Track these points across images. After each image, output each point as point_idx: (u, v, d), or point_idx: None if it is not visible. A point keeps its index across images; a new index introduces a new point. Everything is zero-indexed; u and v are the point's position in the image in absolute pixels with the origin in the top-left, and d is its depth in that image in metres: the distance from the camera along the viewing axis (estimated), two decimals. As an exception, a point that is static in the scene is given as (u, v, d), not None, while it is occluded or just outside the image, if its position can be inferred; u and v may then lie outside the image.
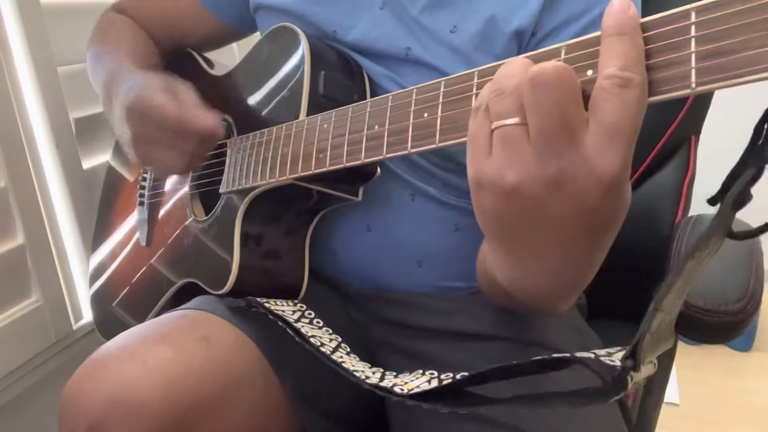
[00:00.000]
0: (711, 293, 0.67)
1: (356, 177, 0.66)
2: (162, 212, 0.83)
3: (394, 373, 0.56)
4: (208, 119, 0.63)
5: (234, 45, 1.21)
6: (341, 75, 0.67)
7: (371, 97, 0.68)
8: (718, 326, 0.66)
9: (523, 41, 0.64)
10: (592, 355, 0.40)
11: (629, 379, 0.36)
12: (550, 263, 0.42)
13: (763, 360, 1.85)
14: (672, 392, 1.69)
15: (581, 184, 0.35)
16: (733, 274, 0.69)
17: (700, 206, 0.49)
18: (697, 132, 0.97)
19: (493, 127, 0.37)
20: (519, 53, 0.64)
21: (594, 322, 0.80)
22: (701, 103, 0.94)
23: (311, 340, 0.58)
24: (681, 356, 0.92)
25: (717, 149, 1.12)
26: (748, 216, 0.43)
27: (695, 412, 1.65)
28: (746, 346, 1.87)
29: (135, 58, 0.79)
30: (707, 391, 1.72)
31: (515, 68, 0.37)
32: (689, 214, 0.94)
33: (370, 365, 0.59)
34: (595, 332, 0.77)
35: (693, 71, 0.33)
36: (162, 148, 0.65)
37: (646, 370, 0.37)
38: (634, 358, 0.36)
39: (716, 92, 1.03)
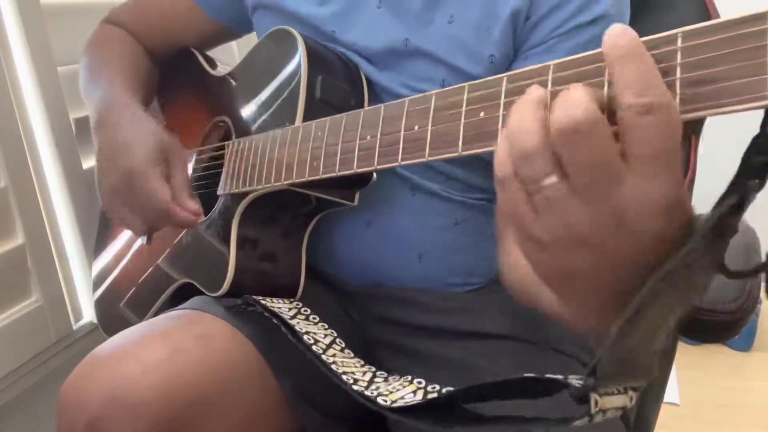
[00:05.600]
0: (709, 292, 0.67)
1: (352, 183, 0.67)
2: (162, 212, 0.83)
3: (385, 375, 0.56)
4: (190, 215, 0.65)
5: (234, 45, 1.21)
6: (339, 80, 0.67)
7: (369, 101, 0.68)
8: (715, 325, 0.66)
9: (518, 24, 0.65)
10: (561, 378, 0.38)
11: (593, 401, 0.34)
12: (627, 301, 0.37)
13: (763, 360, 1.84)
14: (672, 392, 1.68)
15: (642, 215, 0.33)
16: (731, 274, 0.69)
17: (700, 206, 0.49)
18: (698, 132, 0.97)
19: (530, 190, 0.34)
20: (514, 37, 0.65)
21: (593, 322, 0.80)
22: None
23: (304, 337, 0.59)
24: (681, 356, 0.92)
25: (717, 150, 1.12)
26: (748, 217, 0.43)
27: (695, 412, 1.65)
28: (746, 346, 1.87)
29: (129, 79, 0.80)
30: (707, 391, 1.72)
31: (529, 121, 0.34)
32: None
33: (362, 363, 0.59)
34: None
35: (677, 98, 0.32)
36: (132, 214, 0.69)
37: (618, 400, 0.35)
38: (594, 377, 0.34)
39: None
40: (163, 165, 0.68)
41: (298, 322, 0.62)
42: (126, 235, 0.91)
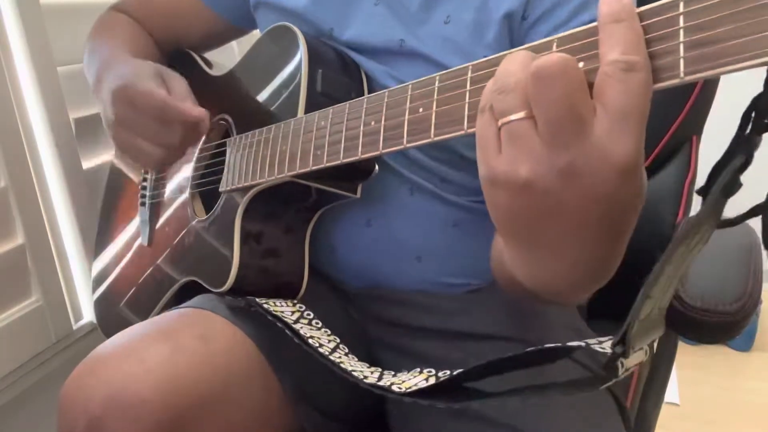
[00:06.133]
0: (709, 293, 0.67)
1: (354, 174, 0.67)
2: (163, 212, 0.84)
3: (393, 372, 0.56)
4: (194, 109, 0.64)
5: (234, 44, 1.21)
6: (339, 73, 0.67)
7: (368, 94, 0.68)
8: (716, 326, 0.66)
9: (513, 25, 0.64)
10: (584, 344, 0.40)
11: (619, 365, 0.36)
12: (570, 256, 0.41)
13: (763, 360, 1.85)
14: (672, 392, 1.69)
15: (595, 173, 0.35)
16: (732, 274, 0.69)
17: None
18: (699, 132, 0.97)
19: (499, 124, 0.37)
20: (511, 39, 0.65)
21: (594, 322, 0.80)
22: (703, 103, 0.94)
23: (309, 341, 0.59)
24: (681, 356, 0.92)
25: (718, 149, 1.12)
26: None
27: (695, 412, 1.65)
28: (746, 346, 1.87)
29: (132, 48, 0.80)
30: (707, 391, 1.72)
31: (515, 64, 0.37)
32: (690, 215, 0.94)
33: (368, 365, 0.59)
34: (594, 332, 0.77)
35: (681, 61, 0.33)
36: (142, 136, 0.66)
37: (637, 357, 0.37)
38: (623, 345, 0.36)
39: (718, 92, 1.01)
40: (158, 77, 0.67)
41: (301, 327, 0.62)
42: (126, 235, 0.91)
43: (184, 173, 0.82)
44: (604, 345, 0.38)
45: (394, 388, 0.50)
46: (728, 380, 1.77)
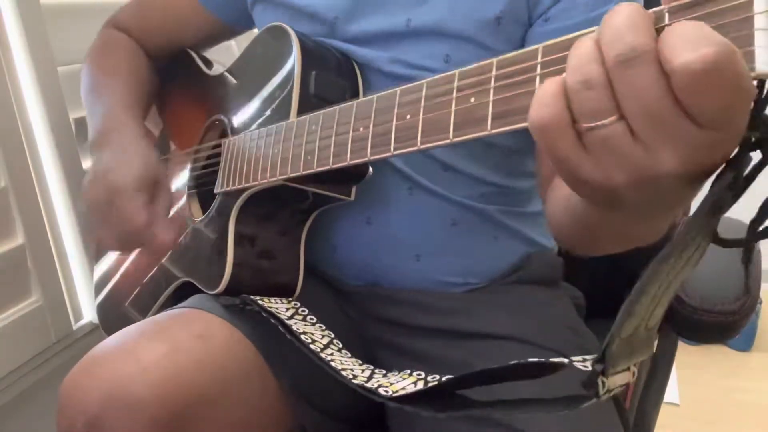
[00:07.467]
0: (708, 293, 0.67)
1: (348, 177, 0.67)
2: (163, 211, 0.84)
3: (383, 372, 0.57)
4: (164, 236, 0.67)
5: (233, 44, 1.21)
6: (332, 74, 0.67)
7: (364, 94, 0.68)
8: (715, 326, 0.66)
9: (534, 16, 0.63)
10: (566, 361, 0.39)
11: (600, 384, 0.35)
12: (652, 218, 0.40)
13: (763, 360, 1.85)
14: (672, 392, 1.69)
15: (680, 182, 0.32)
16: (731, 274, 0.69)
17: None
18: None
19: (584, 128, 0.32)
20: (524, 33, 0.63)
21: (592, 321, 0.80)
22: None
23: (302, 337, 0.59)
24: (681, 356, 0.92)
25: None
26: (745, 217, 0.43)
27: (695, 412, 1.65)
28: (746, 346, 1.87)
29: (130, 93, 0.81)
30: (707, 391, 1.72)
31: (590, 54, 0.31)
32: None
33: (360, 362, 0.59)
34: (592, 332, 0.77)
35: None
36: (108, 231, 0.69)
37: (622, 378, 0.36)
38: (603, 362, 0.34)
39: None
40: (148, 190, 0.69)
41: (295, 323, 0.62)
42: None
43: (182, 172, 0.82)
44: (588, 363, 0.37)
45: (381, 390, 0.50)
46: (728, 380, 1.77)
